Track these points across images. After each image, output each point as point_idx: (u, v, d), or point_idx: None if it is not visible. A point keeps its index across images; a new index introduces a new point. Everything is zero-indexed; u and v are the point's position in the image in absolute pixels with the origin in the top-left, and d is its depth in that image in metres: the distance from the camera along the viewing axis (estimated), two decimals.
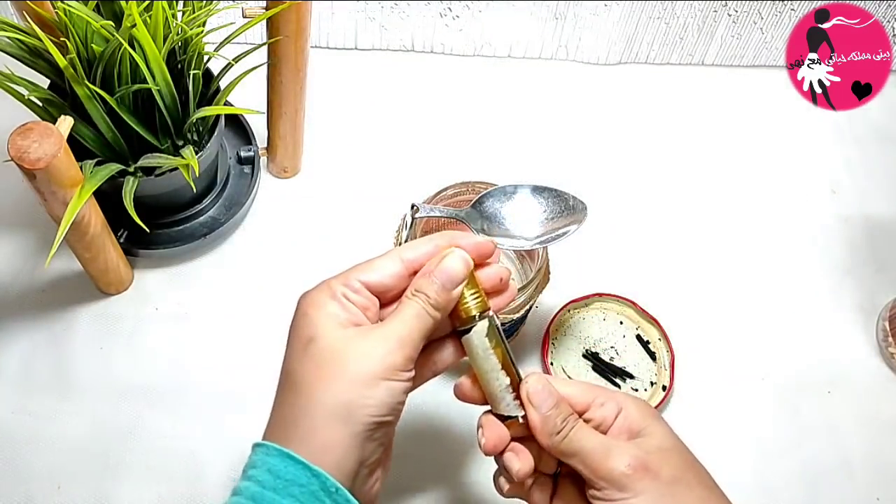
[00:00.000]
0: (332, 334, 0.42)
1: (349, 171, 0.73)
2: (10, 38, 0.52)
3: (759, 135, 0.80)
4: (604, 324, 0.67)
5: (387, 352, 0.41)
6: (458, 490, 0.61)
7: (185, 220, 0.66)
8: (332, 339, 0.42)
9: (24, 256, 0.66)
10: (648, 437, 0.45)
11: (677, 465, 0.44)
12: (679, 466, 0.44)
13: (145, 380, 0.62)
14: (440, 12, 0.76)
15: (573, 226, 0.52)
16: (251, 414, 0.62)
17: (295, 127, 0.67)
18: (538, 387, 0.45)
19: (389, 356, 0.41)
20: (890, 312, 0.69)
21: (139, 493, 0.58)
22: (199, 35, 0.56)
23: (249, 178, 0.69)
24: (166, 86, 0.54)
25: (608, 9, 0.76)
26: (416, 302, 0.43)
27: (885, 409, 0.66)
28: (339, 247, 0.69)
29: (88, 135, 0.55)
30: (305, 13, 0.57)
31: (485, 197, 0.55)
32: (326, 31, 0.77)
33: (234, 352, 0.64)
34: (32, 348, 0.62)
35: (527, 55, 0.81)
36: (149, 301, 0.65)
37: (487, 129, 0.77)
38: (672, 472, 0.44)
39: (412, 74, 0.79)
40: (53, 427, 0.60)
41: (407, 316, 0.43)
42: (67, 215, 0.50)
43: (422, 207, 0.57)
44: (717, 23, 0.78)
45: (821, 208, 0.76)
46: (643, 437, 0.45)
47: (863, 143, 0.80)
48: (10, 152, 0.46)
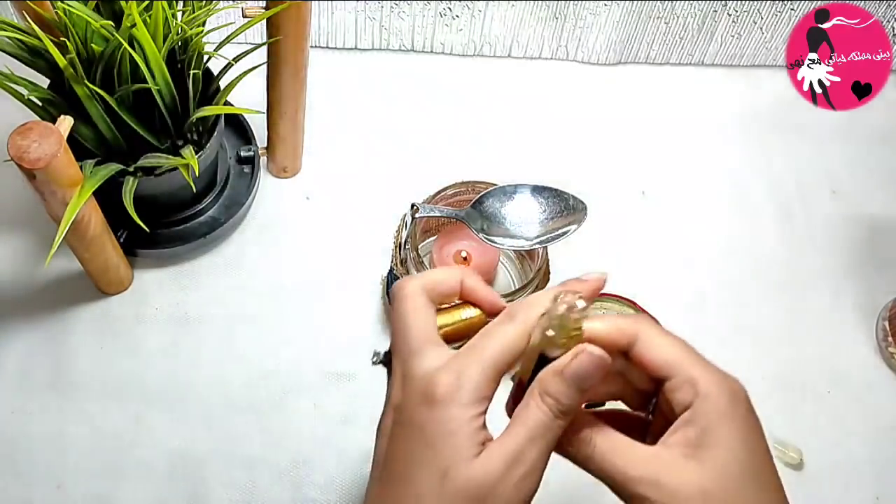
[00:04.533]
0: (470, 471, 0.37)
1: (349, 171, 0.73)
2: (10, 38, 0.52)
3: (759, 135, 0.80)
4: None
5: (518, 481, 0.37)
6: None
7: (185, 220, 0.66)
8: (471, 476, 0.37)
9: (24, 256, 0.66)
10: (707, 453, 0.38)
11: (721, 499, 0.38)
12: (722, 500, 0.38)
13: (145, 380, 0.62)
14: (440, 12, 0.76)
15: (573, 226, 0.53)
16: (251, 414, 0.62)
17: (295, 127, 0.67)
18: None
19: (523, 485, 0.37)
20: (890, 312, 0.69)
21: (139, 493, 0.58)
22: (199, 35, 0.55)
23: (249, 178, 0.68)
24: (166, 86, 0.54)
25: (608, 9, 0.76)
26: (545, 412, 0.38)
27: (885, 409, 0.66)
28: (340, 247, 0.69)
29: (88, 135, 0.55)
30: (305, 13, 0.57)
31: (485, 197, 0.55)
32: (326, 31, 0.77)
33: (234, 352, 0.64)
34: (32, 348, 0.62)
35: (527, 55, 0.81)
36: (149, 301, 0.65)
37: (487, 129, 0.77)
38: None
39: (412, 74, 0.79)
40: (53, 427, 0.60)
41: (536, 433, 0.37)
42: (67, 215, 0.50)
43: (422, 207, 0.57)
44: (717, 23, 0.78)
45: (821, 208, 0.76)
46: (702, 448, 0.38)
47: (863, 143, 0.80)
48: (10, 152, 0.46)
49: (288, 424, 0.61)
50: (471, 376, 0.38)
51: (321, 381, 0.63)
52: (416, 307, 0.41)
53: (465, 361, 0.38)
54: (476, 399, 0.37)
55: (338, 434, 0.61)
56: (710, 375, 0.40)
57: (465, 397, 0.37)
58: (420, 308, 0.41)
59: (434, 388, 0.38)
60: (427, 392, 0.38)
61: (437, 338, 0.41)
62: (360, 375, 0.64)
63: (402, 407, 0.39)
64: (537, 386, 0.38)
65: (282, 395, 0.62)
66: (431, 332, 0.41)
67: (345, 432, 0.61)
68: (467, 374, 0.38)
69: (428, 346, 0.40)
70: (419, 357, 0.39)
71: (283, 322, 0.66)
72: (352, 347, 0.65)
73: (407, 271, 0.59)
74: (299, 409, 0.62)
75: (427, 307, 0.41)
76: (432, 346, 0.40)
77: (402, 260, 0.59)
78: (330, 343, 0.65)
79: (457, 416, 0.37)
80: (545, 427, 0.38)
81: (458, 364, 0.38)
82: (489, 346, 0.39)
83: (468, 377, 0.37)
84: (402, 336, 0.41)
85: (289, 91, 0.63)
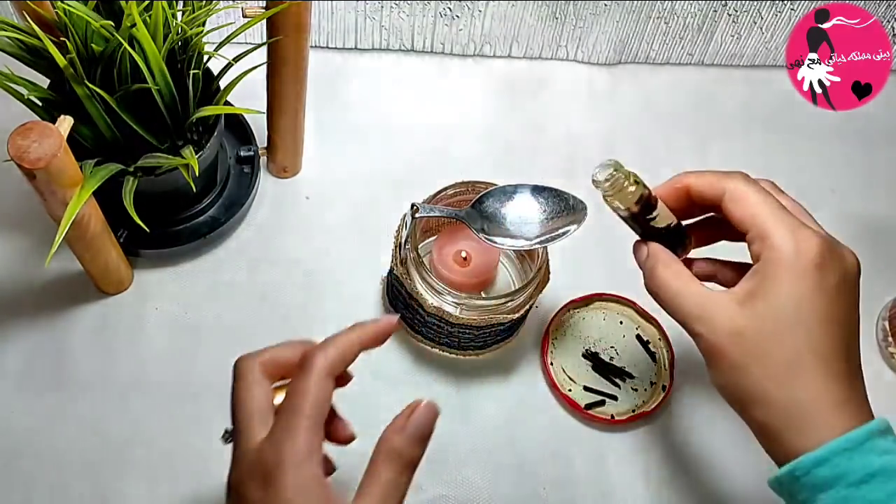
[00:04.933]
0: None
1: (349, 171, 0.73)
2: (10, 38, 0.52)
3: (759, 135, 0.80)
4: (604, 324, 0.67)
5: None
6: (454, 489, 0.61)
7: (185, 220, 0.66)
8: None
9: (24, 256, 0.66)
10: (758, 300, 0.44)
11: (748, 349, 0.43)
12: (749, 352, 0.43)
13: (145, 380, 0.62)
14: (440, 12, 0.75)
15: (573, 226, 0.53)
16: None
17: (295, 127, 0.67)
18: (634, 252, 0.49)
19: None
20: (890, 312, 0.69)
21: (139, 493, 0.58)
22: (199, 35, 0.55)
23: (249, 178, 0.68)
24: (166, 86, 0.54)
25: (608, 9, 0.76)
26: (394, 471, 0.40)
27: (885, 409, 0.66)
28: (339, 247, 0.69)
29: (88, 135, 0.55)
30: (305, 13, 0.57)
31: (485, 197, 0.55)
32: (326, 31, 0.77)
33: (234, 352, 0.64)
34: (32, 348, 0.62)
35: (527, 55, 0.81)
36: (149, 301, 0.65)
37: (487, 129, 0.77)
38: (738, 358, 0.43)
39: (412, 74, 0.79)
40: (53, 427, 0.60)
41: (388, 493, 0.40)
42: (67, 215, 0.50)
43: (422, 207, 0.57)
44: (717, 23, 0.78)
45: (821, 208, 0.76)
46: (755, 296, 0.44)
47: (863, 143, 0.80)
48: (10, 152, 0.46)
49: None
50: (294, 441, 0.39)
51: None
52: (247, 385, 0.43)
53: (283, 427, 0.40)
54: (307, 456, 0.39)
55: None
56: (784, 230, 0.44)
57: (297, 458, 0.39)
58: (252, 385, 0.43)
59: (264, 464, 0.39)
60: (256, 469, 0.40)
61: (265, 414, 0.42)
62: (359, 375, 0.64)
63: (237, 486, 0.41)
64: (381, 447, 0.41)
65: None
66: (261, 408, 0.42)
67: None
68: (290, 440, 0.39)
69: (254, 423, 0.41)
70: (246, 434, 0.41)
71: (283, 322, 0.66)
72: None
73: (407, 271, 0.59)
74: None
75: (260, 384, 0.43)
76: (258, 423, 0.41)
77: (402, 260, 0.59)
78: None
79: (294, 483, 0.39)
80: (395, 485, 0.40)
81: (279, 433, 0.40)
82: (298, 404, 0.41)
83: (291, 442, 0.39)
84: (233, 414, 0.43)
85: (289, 91, 0.63)
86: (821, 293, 0.43)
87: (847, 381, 0.44)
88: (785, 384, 0.43)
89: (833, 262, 0.44)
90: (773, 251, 0.44)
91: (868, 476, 0.41)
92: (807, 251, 0.43)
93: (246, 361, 0.45)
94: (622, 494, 0.61)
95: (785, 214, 0.45)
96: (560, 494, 0.61)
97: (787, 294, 0.43)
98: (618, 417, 0.63)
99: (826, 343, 0.43)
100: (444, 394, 0.64)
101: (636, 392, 0.65)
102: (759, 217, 0.45)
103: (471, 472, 0.61)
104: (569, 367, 0.65)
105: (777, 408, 0.43)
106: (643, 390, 0.65)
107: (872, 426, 0.42)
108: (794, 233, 0.44)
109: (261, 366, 0.44)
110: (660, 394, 0.64)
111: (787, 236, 0.44)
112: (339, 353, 0.44)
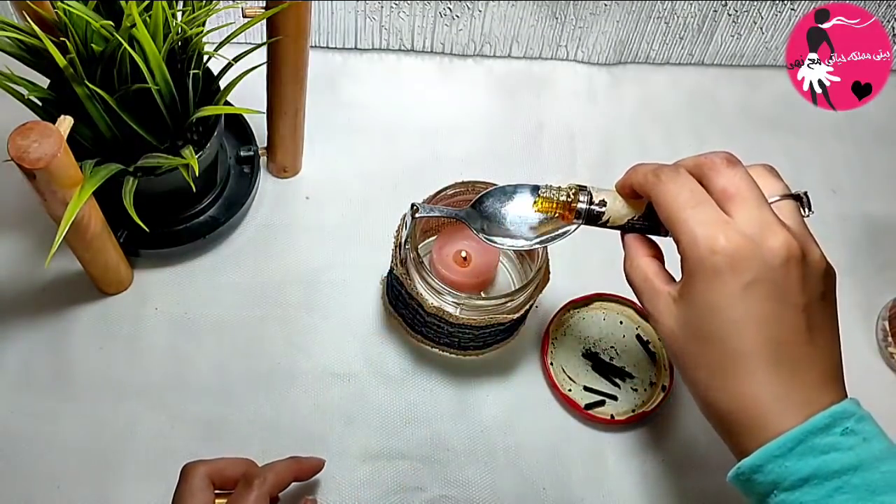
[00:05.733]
0: None
1: (349, 171, 0.73)
2: (10, 38, 0.52)
3: (759, 135, 0.80)
4: (604, 324, 0.67)
5: None
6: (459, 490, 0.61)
7: (185, 220, 0.66)
8: None
9: (24, 256, 0.66)
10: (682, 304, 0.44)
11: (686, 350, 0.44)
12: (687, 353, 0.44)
13: (145, 380, 0.62)
14: (440, 12, 0.76)
15: (573, 226, 0.52)
16: (250, 414, 0.62)
17: (295, 127, 0.67)
18: None
19: None
20: (890, 312, 0.69)
21: (139, 493, 0.58)
22: (199, 35, 0.55)
23: (249, 178, 0.68)
24: (166, 86, 0.54)
25: (608, 9, 0.76)
26: None
27: (886, 409, 0.66)
28: (339, 247, 0.69)
29: (88, 135, 0.55)
30: (305, 13, 0.57)
31: (485, 197, 0.55)
32: (326, 31, 0.77)
33: (234, 352, 0.64)
34: (32, 348, 0.62)
35: (527, 55, 0.81)
36: (149, 301, 0.65)
37: (487, 129, 0.77)
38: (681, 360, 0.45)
39: (412, 74, 0.79)
40: (53, 427, 0.60)
41: None
42: (67, 215, 0.50)
43: (422, 207, 0.57)
44: (717, 23, 0.78)
45: (821, 208, 0.76)
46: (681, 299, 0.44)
47: (863, 143, 0.80)
48: (10, 152, 0.46)
49: (288, 424, 0.61)
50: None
51: (321, 381, 0.63)
52: (191, 490, 0.49)
53: None
54: None
55: (337, 434, 0.61)
56: (690, 232, 0.43)
57: None
58: (196, 491, 0.49)
59: None
60: None
61: None
62: (359, 376, 0.64)
63: None
64: None
65: (281, 395, 0.62)
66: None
67: (344, 432, 0.62)
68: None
69: None
70: None
71: (283, 322, 0.66)
72: (352, 348, 0.65)
73: (407, 271, 0.59)
74: (299, 409, 0.62)
75: (203, 491, 0.50)
76: None
77: (401, 260, 0.59)
78: (330, 343, 0.65)
79: None
80: None
81: None
82: None
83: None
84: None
85: (289, 91, 0.63)
86: (734, 295, 0.42)
87: (785, 377, 0.42)
88: (722, 387, 0.43)
89: (749, 259, 0.42)
90: (683, 256, 0.43)
91: (800, 481, 0.40)
92: (717, 251, 0.42)
93: (194, 468, 0.50)
94: (622, 494, 0.61)
95: (700, 212, 0.43)
96: (560, 494, 0.61)
97: (703, 298, 0.42)
98: (617, 417, 0.63)
99: (750, 343, 0.42)
100: (444, 394, 0.64)
101: (636, 392, 0.65)
102: (669, 219, 0.44)
103: (471, 472, 0.61)
104: (569, 367, 0.65)
105: (720, 408, 0.43)
106: (643, 390, 0.65)
107: (812, 423, 0.41)
108: (702, 234, 0.42)
109: (207, 475, 0.50)
110: (660, 394, 0.64)
111: (693, 239, 0.42)
112: (277, 479, 0.52)
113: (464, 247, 0.63)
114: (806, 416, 0.41)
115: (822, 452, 0.40)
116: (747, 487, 0.43)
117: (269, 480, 0.51)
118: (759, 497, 0.42)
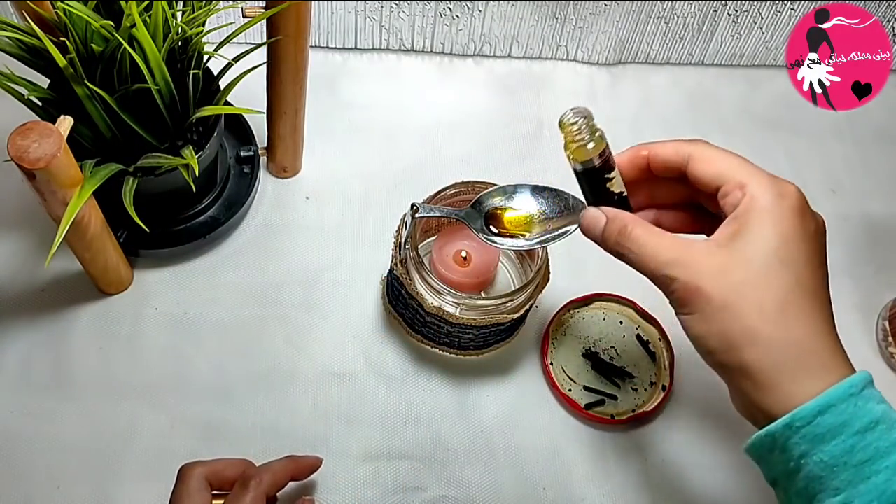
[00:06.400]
0: None
1: (349, 171, 0.73)
2: (10, 38, 0.52)
3: (759, 135, 0.80)
4: (604, 324, 0.67)
5: None
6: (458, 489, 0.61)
7: (185, 220, 0.66)
8: None
9: (24, 256, 0.66)
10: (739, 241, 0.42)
11: (734, 287, 0.42)
12: (736, 290, 0.42)
13: (145, 380, 0.62)
14: (440, 12, 0.76)
15: (573, 226, 0.52)
16: (250, 414, 0.62)
17: (295, 127, 0.67)
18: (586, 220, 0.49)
19: None
20: (890, 312, 0.69)
21: (139, 493, 0.58)
22: (199, 35, 0.55)
23: (249, 178, 0.68)
24: (166, 86, 0.54)
25: (608, 9, 0.76)
26: None
27: None
28: (339, 247, 0.69)
29: (88, 135, 0.55)
30: (305, 13, 0.57)
31: (485, 197, 0.55)
32: (326, 31, 0.77)
33: (234, 351, 0.64)
34: (32, 348, 0.62)
35: (527, 55, 0.81)
36: (148, 301, 0.65)
37: (487, 129, 0.77)
38: (725, 297, 0.41)
39: (412, 74, 0.79)
40: (53, 427, 0.60)
41: None
42: (67, 215, 0.50)
43: (422, 207, 0.57)
44: (717, 23, 0.78)
45: (821, 208, 0.76)
46: (736, 238, 0.42)
47: (863, 143, 0.81)
48: (10, 152, 0.46)
49: (288, 424, 0.61)
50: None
51: (321, 380, 0.63)
52: (189, 491, 0.50)
53: None
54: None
55: (337, 434, 0.61)
56: (760, 178, 0.44)
57: None
58: (193, 492, 0.50)
59: None
60: None
61: None
62: (359, 376, 0.64)
63: None
64: None
65: (281, 394, 0.62)
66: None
67: (344, 432, 0.62)
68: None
69: None
70: None
71: (283, 322, 0.66)
72: (352, 348, 0.65)
73: (407, 271, 0.59)
74: (299, 408, 0.62)
75: (200, 492, 0.50)
76: None
77: (401, 260, 0.59)
78: (330, 343, 0.65)
79: None
80: None
81: None
82: None
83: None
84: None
85: (289, 91, 0.63)
86: (805, 235, 0.43)
87: (834, 327, 0.43)
88: (779, 321, 0.41)
89: (810, 211, 0.44)
90: (753, 198, 0.43)
91: (872, 423, 0.40)
92: (788, 196, 0.43)
93: (192, 469, 0.50)
94: (622, 494, 0.61)
95: (757, 167, 0.45)
96: (560, 494, 0.61)
97: (772, 234, 0.42)
98: (618, 417, 0.63)
99: (815, 283, 0.43)
100: (444, 394, 0.64)
101: (636, 392, 0.65)
102: (731, 170, 0.44)
103: (471, 472, 0.61)
104: (569, 367, 0.65)
105: (771, 347, 0.41)
106: (643, 390, 0.65)
107: (865, 374, 0.41)
108: (771, 180, 0.44)
109: (204, 476, 0.50)
110: (660, 394, 0.64)
111: (765, 183, 0.43)
112: (274, 479, 0.52)
113: (464, 247, 0.63)
114: (852, 368, 0.42)
115: (881, 401, 0.41)
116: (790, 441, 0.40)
117: (266, 481, 0.51)
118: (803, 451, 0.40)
